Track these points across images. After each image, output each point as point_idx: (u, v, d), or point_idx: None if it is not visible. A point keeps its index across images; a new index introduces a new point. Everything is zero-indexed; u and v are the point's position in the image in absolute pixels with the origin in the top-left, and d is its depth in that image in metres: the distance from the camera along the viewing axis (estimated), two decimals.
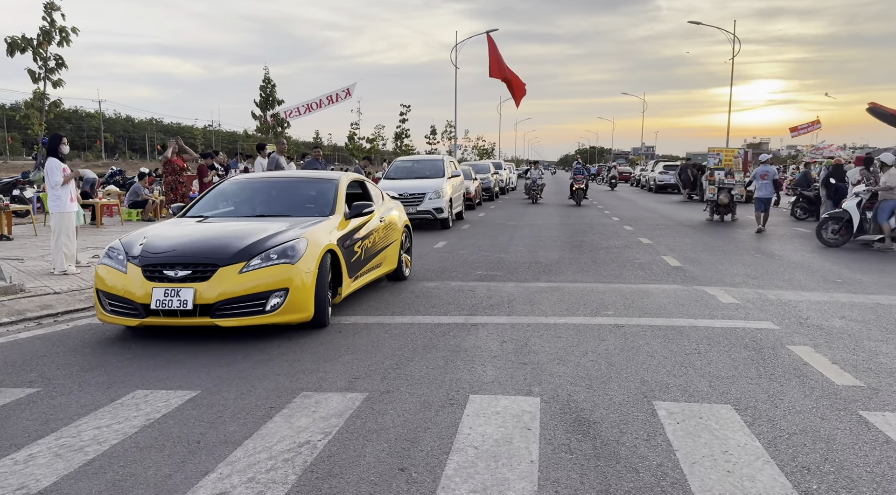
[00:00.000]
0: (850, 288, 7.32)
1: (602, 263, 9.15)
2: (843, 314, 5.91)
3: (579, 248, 10.82)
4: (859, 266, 9.04)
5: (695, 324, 5.49)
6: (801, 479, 2.68)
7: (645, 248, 10.82)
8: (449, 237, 12.73)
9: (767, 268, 8.79)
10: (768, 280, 7.80)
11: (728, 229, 14.47)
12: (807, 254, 10.19)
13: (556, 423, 3.25)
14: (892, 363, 4.38)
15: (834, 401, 3.62)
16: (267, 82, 31.86)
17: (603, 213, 19.30)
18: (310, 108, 30.18)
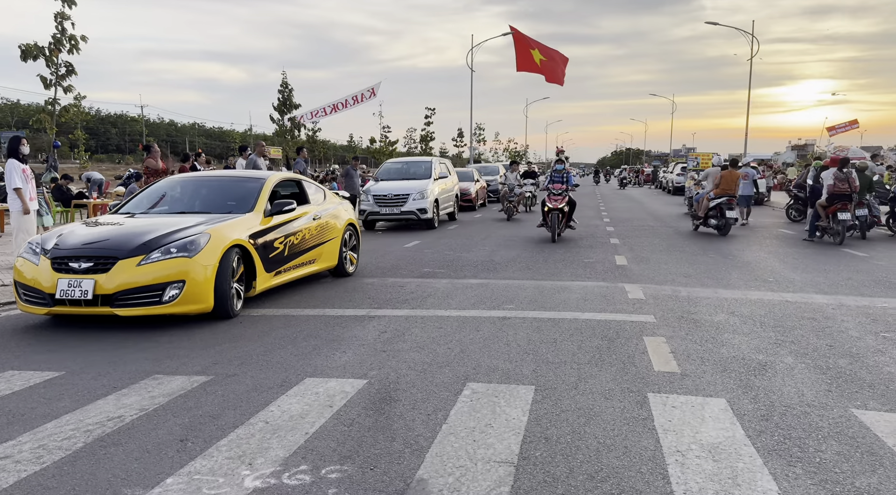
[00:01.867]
0: (774, 286, 7.38)
1: (551, 262, 9.35)
2: (735, 310, 6.06)
3: (541, 248, 11.02)
4: (808, 266, 9.04)
5: (578, 316, 5.73)
6: (530, 447, 2.97)
7: (606, 248, 10.94)
8: (426, 237, 13.08)
9: (710, 267, 8.86)
10: (699, 278, 7.90)
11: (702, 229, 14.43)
12: (763, 255, 10.18)
13: (362, 402, 3.57)
14: (729, 353, 4.57)
15: (633, 385, 3.87)
16: (284, 86, 32.96)
17: (599, 212, 19.49)
18: (336, 108, 30.68)
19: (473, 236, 13.28)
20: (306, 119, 29.96)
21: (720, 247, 11.25)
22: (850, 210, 11.50)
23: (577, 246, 11.32)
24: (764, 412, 3.45)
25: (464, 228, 15.04)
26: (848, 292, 7.04)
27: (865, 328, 5.39)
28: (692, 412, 3.44)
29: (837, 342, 4.92)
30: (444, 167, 17.38)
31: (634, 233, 13.52)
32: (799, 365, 4.32)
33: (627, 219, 17.94)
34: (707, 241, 12.04)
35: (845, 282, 7.75)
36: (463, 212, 20.79)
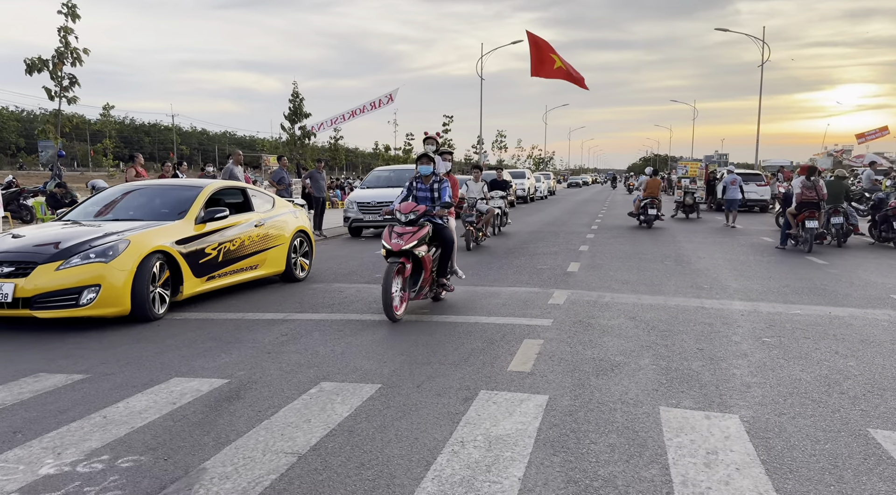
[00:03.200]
0: (703, 293, 7.44)
1: (506, 268, 9.53)
2: (638, 315, 6.17)
3: (506, 254, 11.18)
4: (756, 274, 9.05)
5: (480, 320, 5.93)
6: (328, 440, 3.20)
7: (569, 255, 11.05)
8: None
9: (656, 274, 8.92)
10: (635, 285, 7.99)
11: (682, 236, 14.55)
12: (721, 263, 10.17)
13: (206, 400, 3.83)
14: (592, 355, 4.72)
15: (473, 383, 4.06)
16: (295, 96, 33.73)
17: (594, 218, 19.61)
18: (354, 114, 31.25)
19: None
20: (325, 126, 30.54)
21: (683, 254, 11.26)
22: (818, 218, 11.39)
23: (541, 253, 11.44)
24: (573, 408, 3.63)
25: None
26: (772, 299, 7.07)
27: (754, 333, 5.47)
28: (506, 407, 3.63)
29: (711, 346, 5.03)
30: None
31: (610, 241, 13.57)
32: (650, 367, 4.46)
33: (616, 226, 17.99)
34: (674, 249, 12.04)
35: (780, 289, 7.75)
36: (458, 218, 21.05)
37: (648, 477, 2.82)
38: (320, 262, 10.38)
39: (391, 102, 29.49)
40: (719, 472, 2.85)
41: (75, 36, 17.00)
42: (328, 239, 14.52)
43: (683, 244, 12.87)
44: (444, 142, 62.49)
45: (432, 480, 2.77)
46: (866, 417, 3.55)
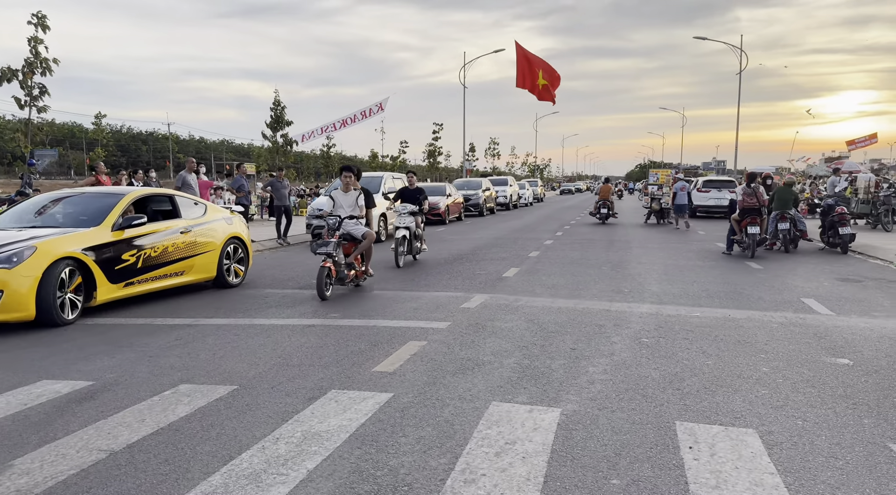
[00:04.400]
0: (618, 297, 7.58)
1: (443, 274, 9.65)
2: (538, 318, 6.29)
3: (453, 260, 11.31)
4: (684, 278, 9.19)
5: (380, 323, 6.06)
6: (147, 436, 3.33)
7: (514, 261, 11.19)
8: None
9: (586, 279, 9.06)
10: (558, 289, 8.13)
11: (639, 242, 14.75)
12: (657, 268, 10.33)
13: (56, 401, 3.94)
14: (464, 355, 4.81)
15: (327, 383, 4.16)
16: (277, 104, 33.98)
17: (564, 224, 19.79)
18: (344, 123, 31.60)
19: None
20: (316, 134, 30.82)
21: (626, 259, 11.40)
22: (760, 224, 11.55)
23: (489, 258, 11.58)
24: (408, 405, 3.74)
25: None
26: (682, 302, 7.20)
27: (637, 334, 5.60)
28: (344, 405, 3.76)
29: (586, 346, 5.16)
30: (398, 182, 17.84)
31: (564, 247, 13.72)
32: (512, 365, 4.59)
33: (581, 231, 18.21)
34: (621, 255, 12.20)
35: (697, 292, 7.89)
36: (431, 225, 21.25)
37: (434, 465, 2.95)
38: (267, 269, 10.54)
39: (381, 111, 29.88)
40: (504, 461, 2.98)
41: (45, 46, 17.29)
42: (291, 246, 14.66)
43: (634, 250, 13.03)
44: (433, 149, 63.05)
45: (223, 474, 2.89)
46: (684, 411, 3.68)
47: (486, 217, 26.70)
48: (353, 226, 8.22)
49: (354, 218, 8.22)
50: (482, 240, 15.53)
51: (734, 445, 3.18)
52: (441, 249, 13.28)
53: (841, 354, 4.95)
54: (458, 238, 16.24)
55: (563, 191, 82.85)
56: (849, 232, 12.30)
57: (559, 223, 22.22)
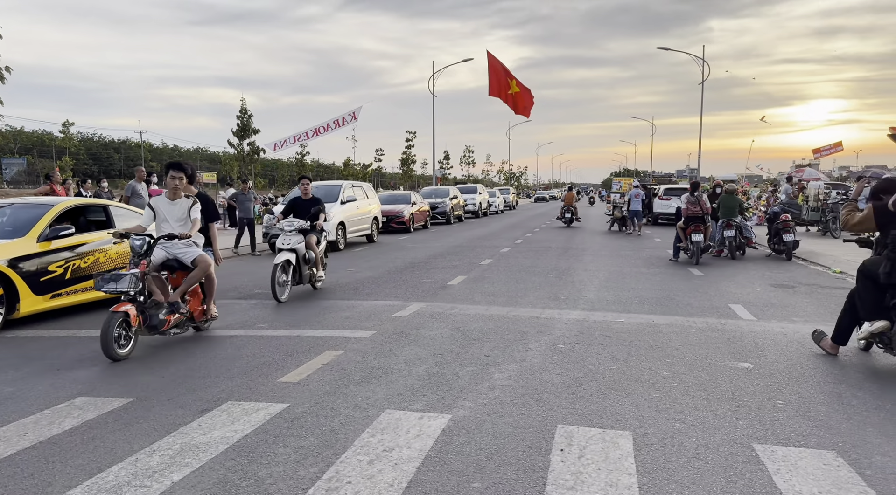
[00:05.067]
0: (552, 304, 7.69)
1: (389, 282, 9.68)
2: (463, 326, 6.35)
3: (404, 269, 11.35)
4: (624, 285, 9.35)
5: (304, 333, 6.06)
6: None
7: (464, 269, 11.27)
8: None
9: (525, 287, 9.17)
10: (497, 297, 8.22)
11: (593, 249, 14.98)
12: (601, 275, 10.50)
13: None
14: (372, 364, 4.83)
15: (226, 395, 4.15)
16: (243, 113, 33.80)
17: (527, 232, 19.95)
18: (317, 132, 31.53)
19: (369, 256, 13.70)
20: (288, 143, 30.68)
21: (574, 267, 11.55)
22: (703, 231, 11.82)
23: (440, 267, 11.64)
24: (299, 415, 3.74)
25: (371, 250, 15.44)
26: (612, 309, 7.33)
27: (556, 341, 5.69)
28: (235, 417, 3.76)
29: (501, 353, 5.22)
30: (357, 191, 17.85)
31: (518, 254, 13.84)
32: (420, 373, 4.63)
33: (542, 239, 18.41)
34: (570, 263, 12.35)
35: (630, 299, 8.04)
36: (395, 233, 21.29)
37: (302, 474, 2.98)
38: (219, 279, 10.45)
39: (354, 120, 29.91)
40: (374, 468, 3.02)
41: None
42: (240, 256, 14.51)
43: (585, 258, 13.21)
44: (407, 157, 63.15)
45: (84, 487, 2.88)
46: (570, 415, 3.75)
47: (452, 225, 26.80)
48: (180, 248, 6.02)
49: (177, 237, 5.82)
50: (440, 248, 15.60)
51: (605, 447, 3.27)
52: (396, 258, 13.33)
53: (745, 358, 5.10)
54: (418, 246, 16.29)
55: (538, 199, 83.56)
56: (792, 238, 12.64)
57: (523, 230, 22.41)
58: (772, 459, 3.14)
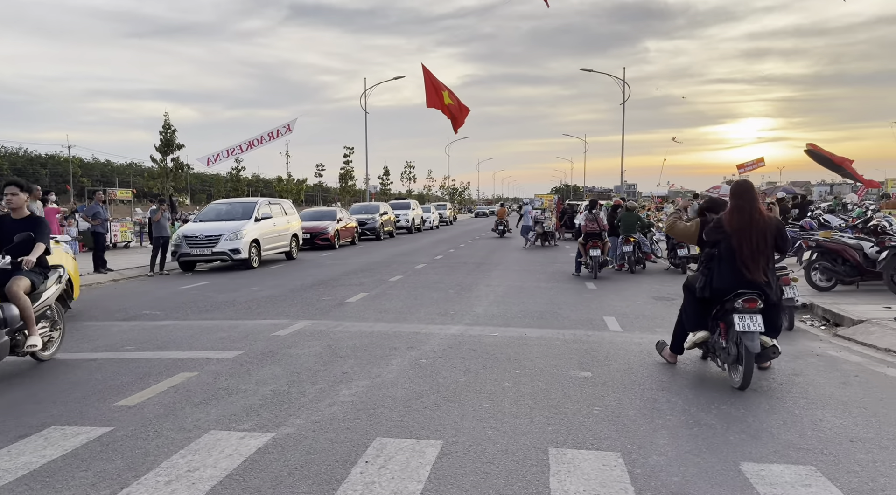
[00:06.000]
0: (439, 319, 7.88)
1: (285, 300, 9.63)
2: (344, 343, 6.41)
3: (310, 286, 11.32)
4: (517, 300, 9.65)
5: (166, 356, 5.96)
6: None
7: (369, 285, 11.35)
8: (228, 277, 13.27)
9: (421, 302, 9.34)
10: (391, 313, 8.35)
11: (505, 264, 15.39)
12: (500, 290, 10.82)
13: None
14: (228, 385, 4.83)
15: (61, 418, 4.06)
16: (167, 127, 32.84)
17: (452, 246, 20.20)
18: (251, 145, 30.84)
19: (280, 274, 13.58)
20: (222, 157, 29.91)
21: (477, 282, 11.82)
22: (601, 247, 12.40)
23: (346, 284, 11.67)
24: (119, 438, 3.71)
25: (286, 267, 15.29)
26: (493, 324, 7.57)
27: (421, 356, 5.84)
28: (51, 442, 3.69)
29: (360, 370, 5.31)
30: (274, 208, 17.68)
31: (431, 271, 14.05)
32: (265, 392, 4.66)
33: (466, 254, 18.76)
34: (476, 278, 12.65)
35: (516, 313, 8.32)
36: (319, 250, 21.15)
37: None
38: (107, 299, 10.14)
39: (289, 132, 29.53)
40: (168, 489, 3.05)
41: None
42: (152, 276, 14.09)
43: (494, 272, 13.55)
44: (345, 173, 62.78)
45: None
46: (393, 428, 3.89)
47: (382, 241, 26.85)
48: None
49: None
50: (358, 265, 15.62)
51: (409, 457, 3.42)
52: (308, 275, 13.27)
53: (589, 368, 5.40)
54: (336, 263, 16.26)
55: (478, 214, 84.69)
56: (686, 253, 13.39)
57: (449, 246, 22.71)
58: (559, 461, 3.37)
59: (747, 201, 4.83)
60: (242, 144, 29.74)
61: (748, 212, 4.79)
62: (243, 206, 17.20)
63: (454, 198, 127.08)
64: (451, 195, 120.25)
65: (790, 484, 3.11)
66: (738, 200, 4.91)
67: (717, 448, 3.59)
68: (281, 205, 18.62)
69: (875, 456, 3.46)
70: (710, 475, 3.22)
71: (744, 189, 4.98)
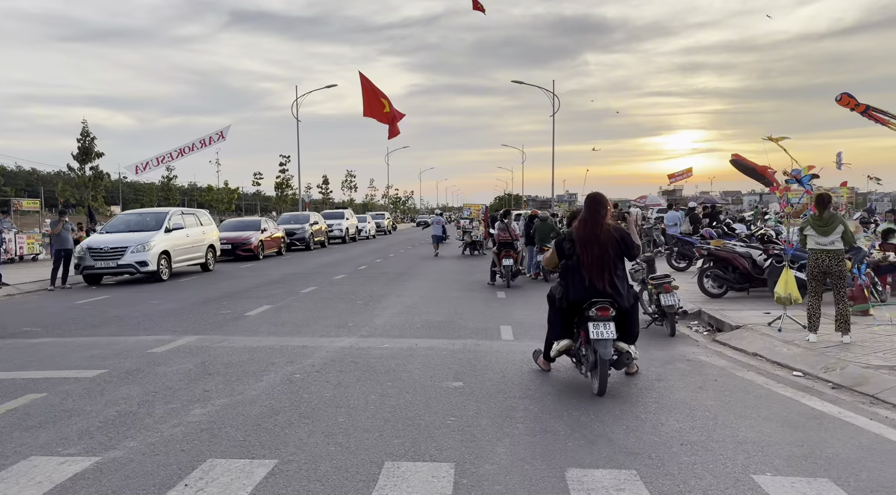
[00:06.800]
0: (334, 332, 7.75)
1: (181, 315, 9.26)
2: (221, 359, 6.20)
3: (217, 299, 10.94)
4: (421, 310, 9.63)
5: (21, 376, 5.59)
6: None
7: (278, 298, 11.06)
8: (134, 291, 12.66)
9: (324, 314, 9.18)
10: (284, 327, 8.15)
11: (425, 274, 15.36)
12: (408, 301, 10.77)
13: None
14: (77, 406, 4.56)
15: None
16: (85, 135, 31.25)
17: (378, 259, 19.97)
18: (182, 153, 29.64)
19: (188, 287, 13.07)
20: (151, 166, 28.62)
21: (390, 293, 11.74)
22: (514, 256, 12.59)
23: (255, 296, 11.33)
24: None
25: (198, 279, 14.74)
26: (388, 335, 7.51)
27: (297, 371, 5.70)
28: None
29: (226, 387, 5.13)
30: (188, 218, 17.04)
31: (348, 281, 13.84)
32: (110, 415, 4.40)
33: (392, 264, 18.63)
34: (391, 289, 12.56)
35: (416, 324, 8.28)
36: (242, 261, 20.54)
37: None
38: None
39: (223, 140, 28.63)
40: None
41: None
42: (69, 289, 13.29)
43: (410, 283, 13.50)
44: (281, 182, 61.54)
45: None
46: (233, 447, 3.75)
47: (312, 251, 26.36)
48: None
49: None
50: (276, 276, 15.23)
51: (233, 479, 3.30)
52: (217, 288, 12.82)
53: (463, 378, 5.41)
54: (254, 275, 15.80)
55: (419, 223, 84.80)
56: None
57: (377, 256, 22.51)
58: (390, 475, 3.33)
59: (591, 213, 4.98)
60: (173, 152, 28.72)
61: (591, 224, 4.93)
62: (154, 217, 16.51)
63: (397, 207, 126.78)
64: (394, 204, 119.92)
65: (605, 488, 3.18)
66: (585, 212, 5.05)
67: (552, 455, 3.65)
68: (196, 215, 17.97)
69: (698, 459, 3.59)
70: (533, 482, 3.25)
71: (591, 201, 5.11)
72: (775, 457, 3.60)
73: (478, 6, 22.88)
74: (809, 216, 6.96)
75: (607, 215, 5.02)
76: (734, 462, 3.53)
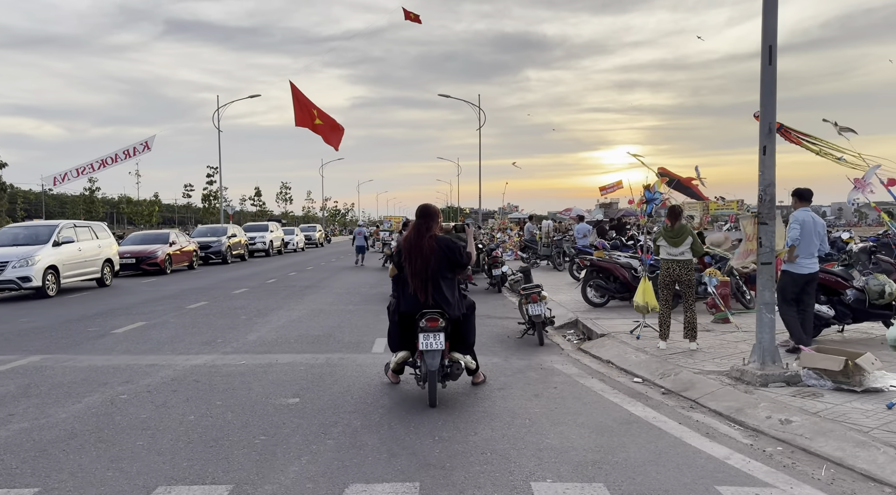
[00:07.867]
0: (197, 349, 7.43)
1: (44, 333, 8.67)
2: (47, 380, 5.81)
3: (92, 317, 10.34)
4: (315, 325, 9.43)
5: None
6: None
7: (161, 314, 10.57)
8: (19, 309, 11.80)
9: (199, 331, 8.82)
10: (149, 345, 7.74)
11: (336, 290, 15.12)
12: (299, 315, 10.53)
13: None
14: None
15: None
16: None
17: (300, 271, 19.52)
18: (104, 163, 28.01)
19: (71, 304, 12.27)
20: (70, 177, 26.94)
21: (283, 307, 11.43)
22: None
23: (135, 312, 10.76)
24: None
25: (88, 295, 13.89)
26: (254, 351, 7.28)
27: (126, 391, 5.40)
28: None
29: (33, 410, 4.79)
30: (82, 231, 16.12)
31: (248, 295, 13.40)
32: None
33: (299, 278, 18.18)
34: (291, 303, 12.26)
35: (287, 339, 8.09)
36: (147, 275, 19.62)
37: None
38: None
39: (148, 150, 27.36)
40: None
41: None
42: None
43: (308, 297, 13.21)
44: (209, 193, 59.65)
45: None
46: (14, 478, 3.51)
47: (229, 265, 25.49)
48: None
49: None
50: (173, 291, 14.56)
51: None
52: (103, 304, 12.11)
53: (303, 394, 5.26)
54: (150, 290, 15.07)
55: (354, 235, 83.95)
56: (499, 272, 13.96)
57: (292, 269, 21.97)
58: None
59: (416, 226, 5.00)
60: (94, 163, 27.33)
61: (415, 236, 4.94)
62: (43, 230, 15.55)
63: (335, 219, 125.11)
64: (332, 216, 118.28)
65: None
66: (411, 225, 5.07)
67: (343, 471, 3.56)
68: (91, 228, 17.01)
69: (489, 468, 3.59)
70: None
71: (418, 213, 5.13)
72: (564, 464, 3.65)
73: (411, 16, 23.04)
74: (661, 227, 7.26)
75: (435, 227, 5.03)
76: (522, 469, 3.56)
